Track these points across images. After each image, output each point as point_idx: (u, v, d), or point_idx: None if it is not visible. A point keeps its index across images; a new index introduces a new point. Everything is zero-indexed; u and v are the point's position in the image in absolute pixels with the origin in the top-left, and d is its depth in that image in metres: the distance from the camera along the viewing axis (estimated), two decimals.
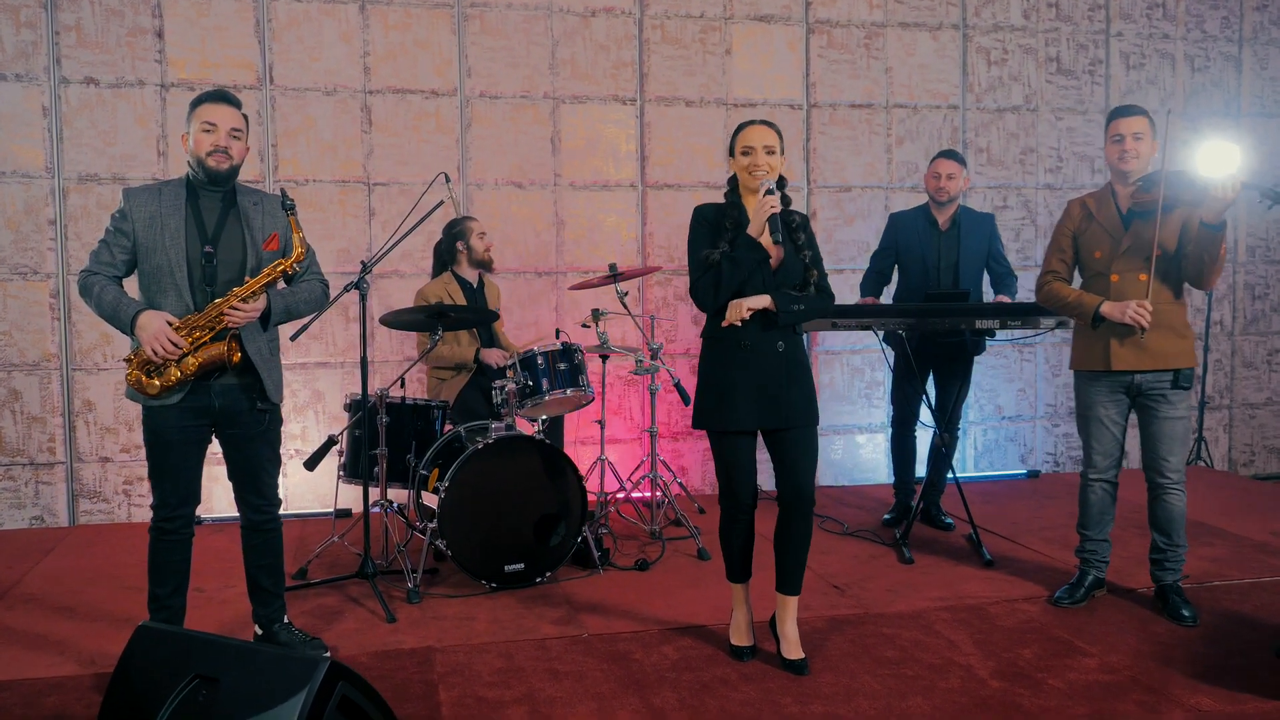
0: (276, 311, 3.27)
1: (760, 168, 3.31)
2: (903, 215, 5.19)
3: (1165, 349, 3.72)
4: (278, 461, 3.43)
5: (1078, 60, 6.65)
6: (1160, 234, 3.69)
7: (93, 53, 5.38)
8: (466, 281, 5.07)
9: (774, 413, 3.32)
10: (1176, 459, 3.78)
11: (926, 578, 4.29)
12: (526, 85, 5.89)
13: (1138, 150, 3.75)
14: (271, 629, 3.46)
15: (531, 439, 4.21)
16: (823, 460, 6.34)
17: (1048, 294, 3.98)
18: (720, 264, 3.25)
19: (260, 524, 3.40)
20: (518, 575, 4.16)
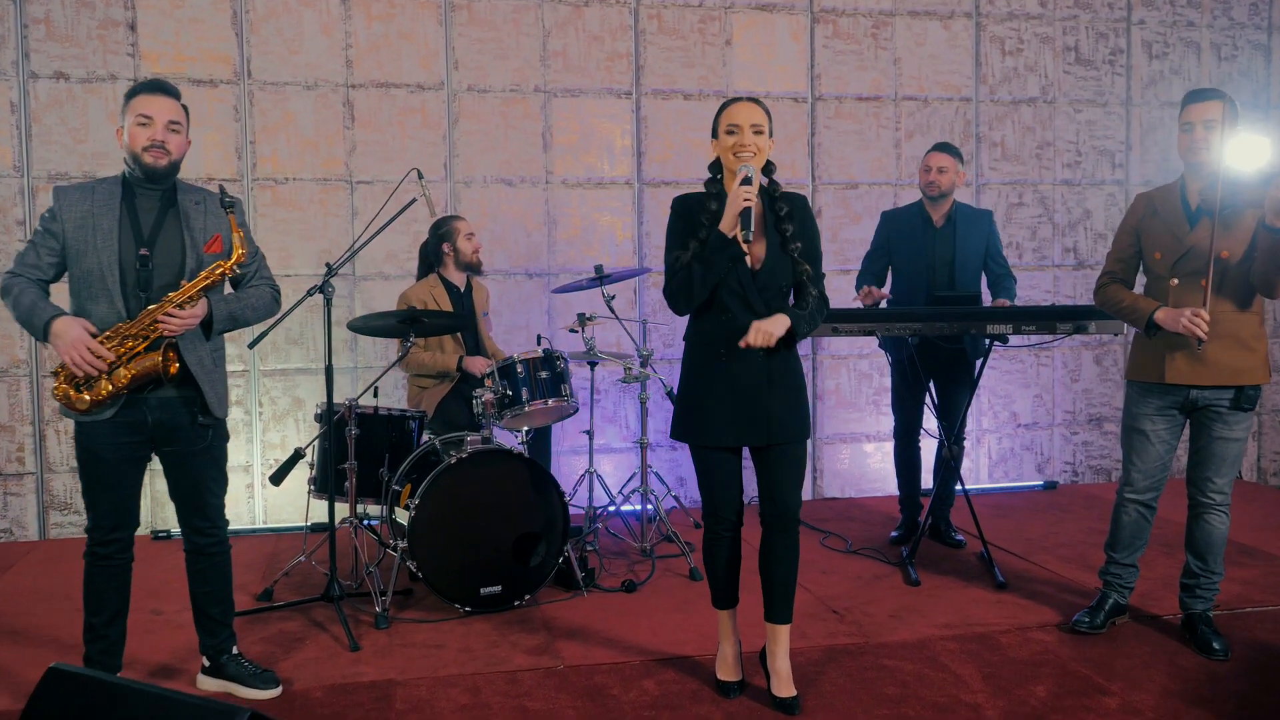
0: (219, 319, 3.01)
1: (747, 147, 2.98)
2: (895, 213, 4.91)
3: (1227, 363, 3.37)
4: (223, 481, 3.18)
5: (1097, 49, 6.33)
6: (1226, 236, 3.36)
7: (62, 46, 5.16)
8: (452, 285, 4.81)
9: (755, 428, 3.03)
10: (1223, 480, 3.46)
11: (933, 601, 4.00)
12: (516, 78, 5.63)
13: (1209, 140, 3.38)
14: (220, 661, 3.21)
15: (509, 452, 3.95)
16: (828, 471, 6.06)
17: (1103, 297, 3.67)
18: (691, 266, 2.97)
19: (205, 547, 3.15)
20: (494, 598, 3.90)
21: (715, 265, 2.94)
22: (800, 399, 3.11)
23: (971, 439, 6.25)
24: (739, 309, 3.00)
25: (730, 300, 3.01)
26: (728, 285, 2.99)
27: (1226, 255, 3.36)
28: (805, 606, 3.94)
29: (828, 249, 5.97)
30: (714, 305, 3.03)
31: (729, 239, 2.92)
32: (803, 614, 3.86)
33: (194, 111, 5.31)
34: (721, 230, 2.92)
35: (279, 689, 3.18)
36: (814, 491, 6.06)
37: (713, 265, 2.94)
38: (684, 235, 3.04)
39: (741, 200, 2.88)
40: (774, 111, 5.76)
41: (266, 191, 5.38)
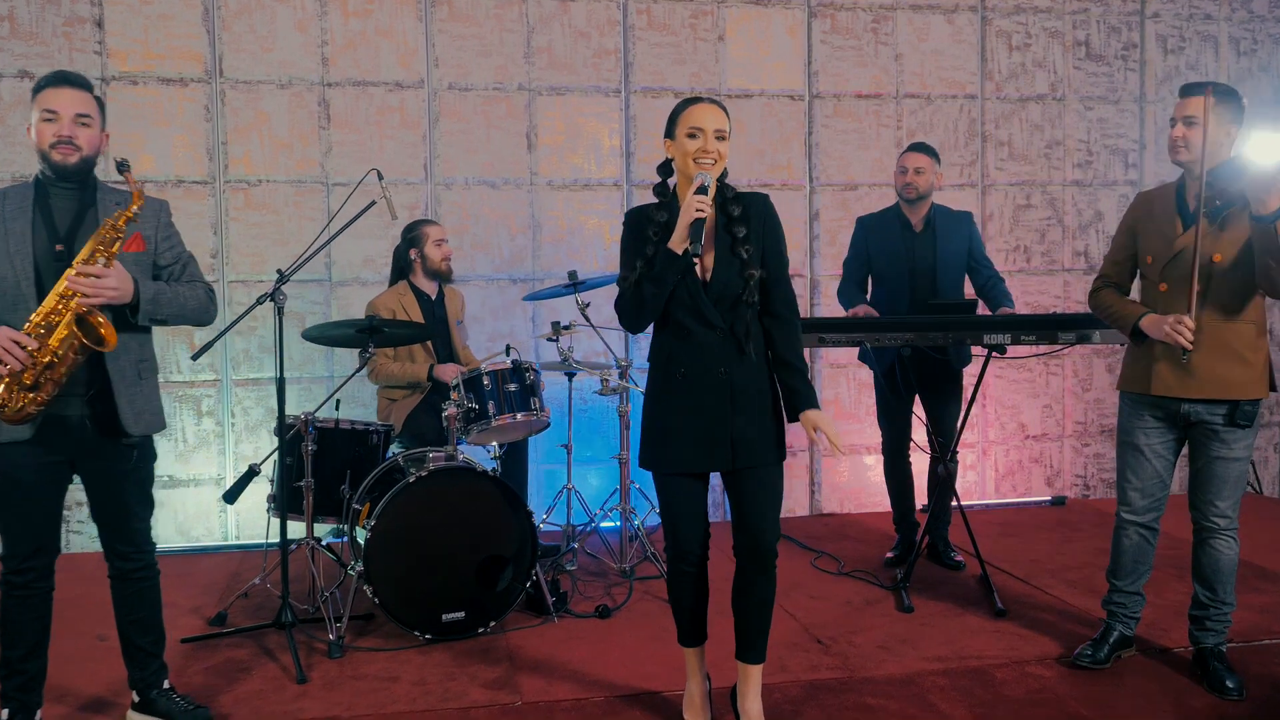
0: (145, 297, 2.77)
1: (710, 154, 2.75)
2: (872, 218, 4.66)
3: (1218, 375, 3.12)
4: (149, 503, 2.96)
5: (1109, 44, 6.05)
6: (1219, 239, 3.12)
7: (27, 44, 4.97)
8: (423, 292, 4.59)
9: (719, 450, 2.78)
10: (1227, 503, 3.20)
11: (926, 630, 3.74)
12: (499, 75, 5.41)
13: (1188, 138, 3.13)
14: (149, 696, 2.99)
15: (472, 470, 3.72)
16: (827, 484, 5.80)
17: (1096, 302, 3.45)
18: (640, 284, 2.75)
19: (129, 573, 2.93)
20: (457, 625, 3.67)
21: (664, 282, 2.74)
22: (771, 418, 2.85)
23: (977, 451, 5.98)
24: (693, 323, 2.78)
25: (683, 315, 2.79)
26: (678, 299, 2.78)
27: (1219, 259, 3.12)
28: (788, 635, 3.70)
29: (826, 252, 5.75)
30: (668, 321, 2.83)
31: (678, 255, 2.71)
32: (785, 643, 3.61)
33: (164, 111, 5.17)
34: (670, 247, 2.71)
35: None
36: (812, 507, 5.81)
37: (662, 283, 2.74)
38: (636, 253, 2.81)
39: (694, 211, 2.67)
40: (770, 110, 5.65)
41: (239, 194, 5.18)
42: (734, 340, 2.78)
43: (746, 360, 2.79)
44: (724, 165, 2.82)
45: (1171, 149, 3.17)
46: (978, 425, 5.96)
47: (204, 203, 5.16)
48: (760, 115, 5.68)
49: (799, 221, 5.75)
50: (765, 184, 5.69)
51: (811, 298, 5.78)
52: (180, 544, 5.16)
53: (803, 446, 5.78)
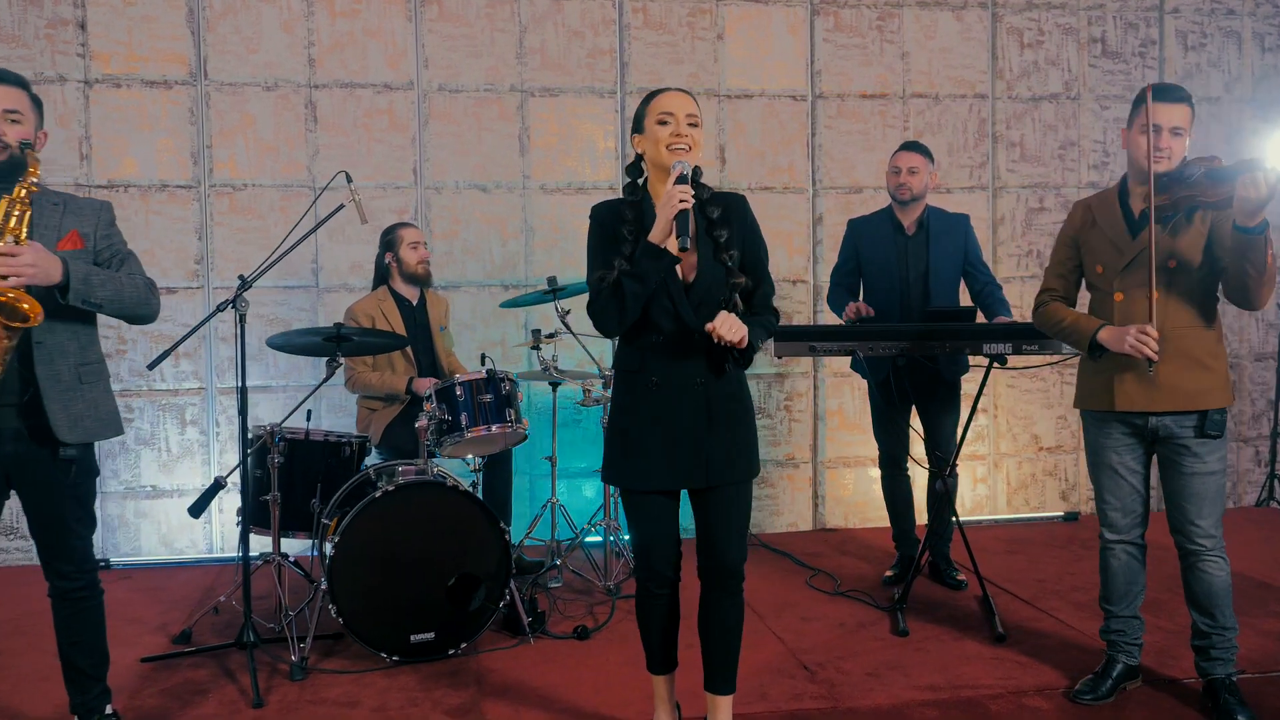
0: (76, 277, 2.60)
1: (683, 139, 2.56)
2: (862, 221, 4.47)
3: (1184, 385, 2.95)
4: (89, 520, 2.82)
5: (1126, 41, 5.83)
6: (1175, 241, 2.97)
7: (8, 46, 4.88)
8: (403, 298, 4.46)
9: (690, 468, 2.60)
10: (1208, 521, 3.00)
11: (920, 656, 3.54)
12: (491, 76, 5.27)
13: (1172, 149, 2.95)
14: None
15: (443, 484, 3.56)
16: (831, 498, 5.61)
17: (1042, 316, 3.27)
18: (620, 282, 2.53)
19: (69, 593, 2.79)
20: (426, 646, 3.51)
21: (649, 279, 2.51)
22: (747, 433, 2.68)
23: (988, 464, 5.76)
24: (671, 328, 2.59)
25: (661, 318, 2.59)
26: (658, 301, 2.57)
27: (1174, 265, 2.95)
28: (774, 660, 3.51)
29: (829, 258, 5.55)
30: (644, 325, 2.62)
31: (661, 248, 2.49)
32: (769, 669, 3.43)
33: (148, 114, 5.06)
34: (652, 240, 2.50)
35: None
36: (815, 521, 5.62)
37: (646, 279, 2.51)
38: (607, 250, 2.61)
39: (678, 201, 2.45)
40: (771, 111, 5.47)
41: (224, 199, 5.06)
42: (712, 348, 2.58)
43: (727, 365, 2.62)
44: (698, 154, 2.63)
45: (1154, 158, 2.94)
46: (988, 437, 5.75)
47: (188, 208, 5.04)
48: (761, 116, 5.51)
49: (801, 226, 5.56)
50: (766, 187, 5.51)
51: (815, 304, 5.59)
52: (163, 556, 5.04)
53: (805, 459, 5.59)
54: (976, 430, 5.73)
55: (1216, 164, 2.84)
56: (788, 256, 5.57)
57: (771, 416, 5.58)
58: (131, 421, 5.03)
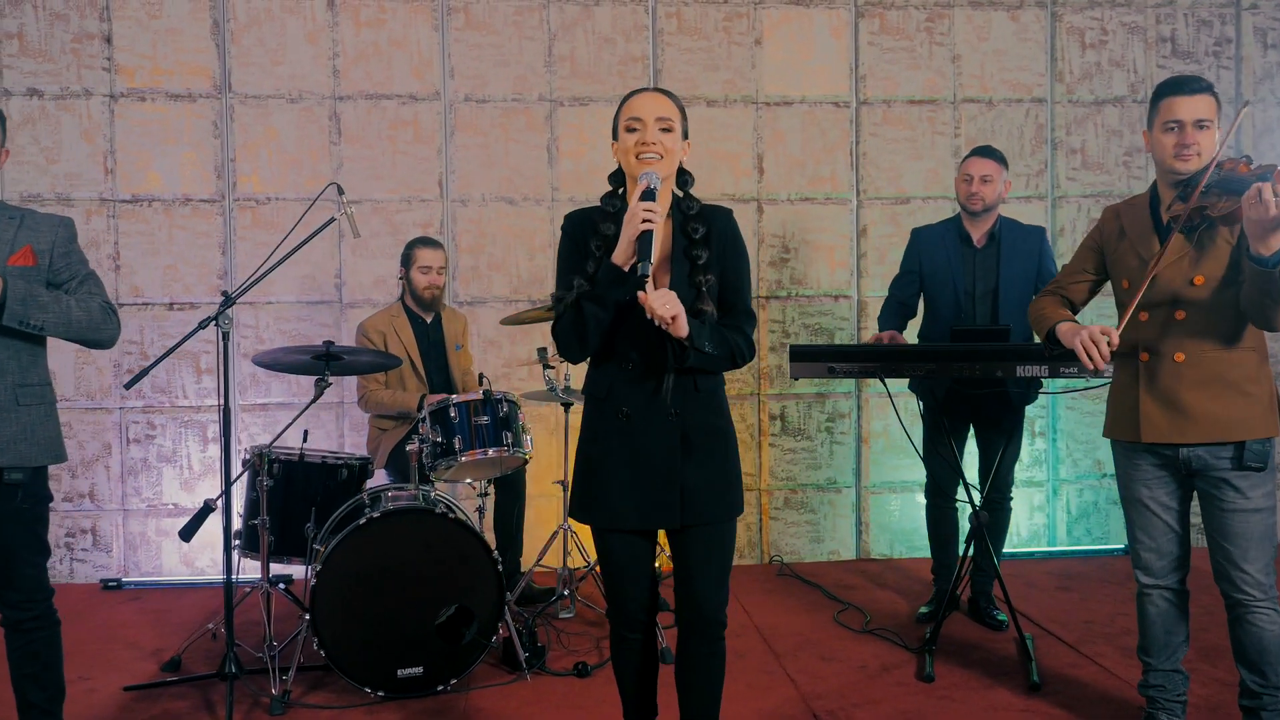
0: (15, 297, 2.50)
1: (651, 147, 2.33)
2: (928, 230, 4.15)
3: (1216, 413, 2.63)
4: (39, 548, 2.70)
5: (1199, 40, 5.44)
6: (1202, 253, 2.64)
7: (36, 61, 4.88)
8: (417, 316, 4.31)
9: (665, 506, 2.36)
10: (1255, 566, 2.66)
11: (943, 706, 3.25)
12: (519, 86, 5.11)
13: (1201, 144, 2.65)
14: None
15: (431, 511, 3.38)
16: (875, 525, 5.30)
17: (1032, 308, 3.02)
18: (579, 305, 2.32)
19: (21, 624, 2.67)
20: (414, 682, 3.33)
21: (608, 305, 2.30)
22: (728, 466, 2.43)
23: (1046, 491, 5.40)
24: (637, 355, 2.36)
25: (626, 346, 2.37)
26: (624, 326, 2.35)
27: (1201, 281, 2.63)
28: (782, 706, 3.25)
29: (874, 271, 5.27)
30: (609, 351, 2.40)
31: (624, 272, 2.27)
32: (775, 715, 3.17)
33: (172, 128, 5.02)
34: (615, 262, 2.27)
35: None
36: (858, 549, 5.32)
37: (605, 303, 2.29)
38: (574, 266, 2.39)
39: (640, 221, 2.21)
40: (811, 118, 5.20)
41: (247, 213, 4.99)
42: (689, 377, 2.36)
43: (702, 398, 2.38)
44: (676, 162, 2.41)
45: (1178, 155, 2.67)
46: (1047, 462, 5.39)
47: (211, 222, 4.98)
48: (801, 124, 5.26)
49: (843, 239, 5.29)
50: (806, 198, 5.26)
51: (859, 321, 5.31)
52: (184, 576, 4.97)
53: (848, 483, 5.30)
54: (1034, 455, 5.38)
55: (1240, 169, 2.51)
56: (829, 270, 5.29)
57: (812, 438, 5.31)
58: (154, 439, 4.98)
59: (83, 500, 4.96)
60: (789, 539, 5.28)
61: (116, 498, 4.98)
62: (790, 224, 5.27)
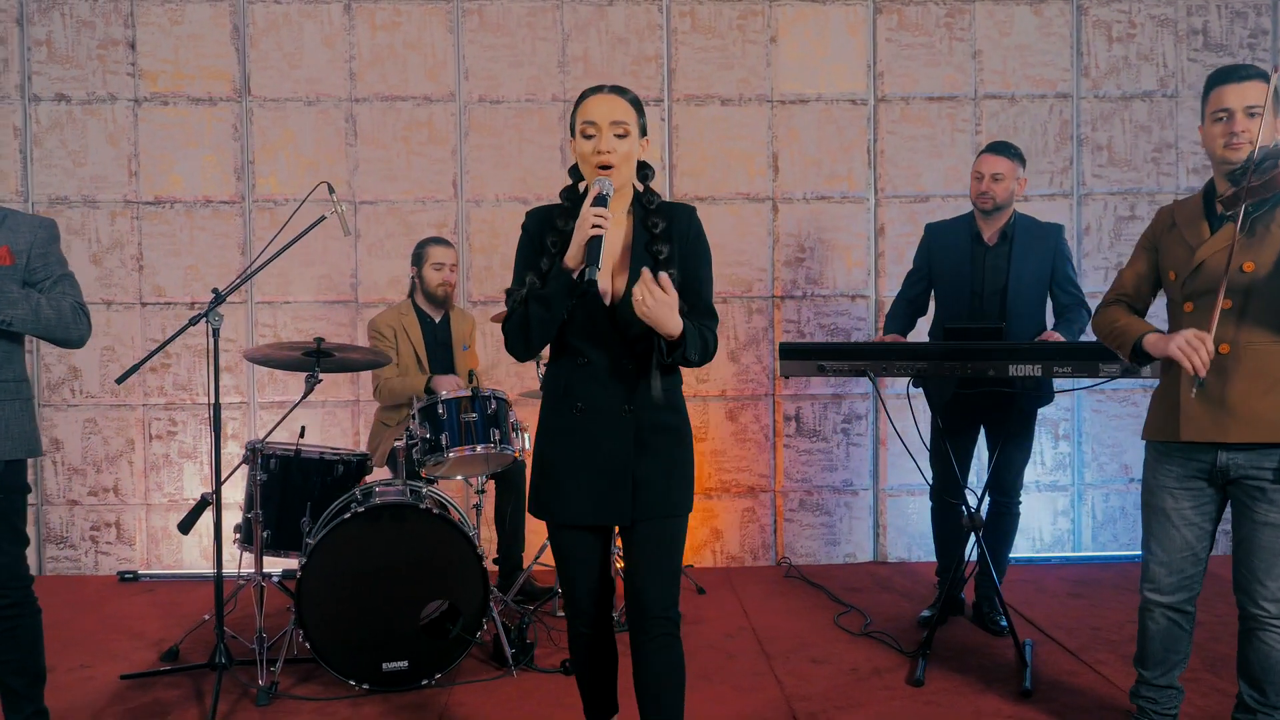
0: None
1: (608, 156, 2.29)
2: (940, 227, 4.07)
3: (1263, 412, 2.49)
4: (17, 538, 2.76)
5: (1232, 32, 5.28)
6: (1253, 242, 2.52)
7: (64, 68, 5.02)
8: (425, 314, 4.35)
9: (617, 502, 2.34)
10: (1278, 584, 2.53)
11: (927, 711, 3.18)
12: (532, 87, 5.13)
13: (1251, 132, 2.51)
14: None
15: (416, 507, 3.40)
16: (893, 528, 5.22)
17: (1099, 320, 2.86)
18: (527, 304, 2.31)
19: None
20: (399, 675, 3.36)
21: (554, 305, 2.28)
22: (679, 463, 2.41)
23: (1071, 495, 5.27)
24: (593, 352, 2.35)
25: (581, 342, 2.36)
26: (576, 323, 2.34)
27: (1251, 268, 2.49)
28: (762, 708, 3.21)
29: (893, 271, 5.20)
30: (564, 348, 2.40)
31: (573, 278, 2.26)
32: (753, 716, 3.13)
33: (193, 131, 5.13)
34: (567, 264, 2.26)
35: None
36: (875, 552, 5.24)
37: (551, 305, 2.28)
38: (531, 260, 2.37)
39: (590, 226, 2.21)
40: (828, 116, 5.15)
41: (265, 214, 5.08)
42: (643, 374, 2.35)
43: (656, 397, 2.35)
44: (632, 164, 2.36)
45: (1229, 144, 2.55)
46: (1072, 466, 5.26)
47: (231, 223, 5.08)
48: (817, 122, 5.20)
49: (860, 238, 5.22)
50: (823, 197, 5.20)
51: (875, 321, 5.23)
52: (204, 569, 5.07)
53: (864, 485, 5.23)
54: (1058, 459, 5.26)
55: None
56: (845, 270, 5.23)
57: (827, 440, 5.25)
58: (175, 435, 5.09)
59: (107, 495, 5.09)
60: (804, 541, 5.22)
61: (139, 492, 5.09)
62: (806, 223, 5.22)
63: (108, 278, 5.05)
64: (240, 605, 4.06)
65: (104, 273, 5.05)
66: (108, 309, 5.03)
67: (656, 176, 2.52)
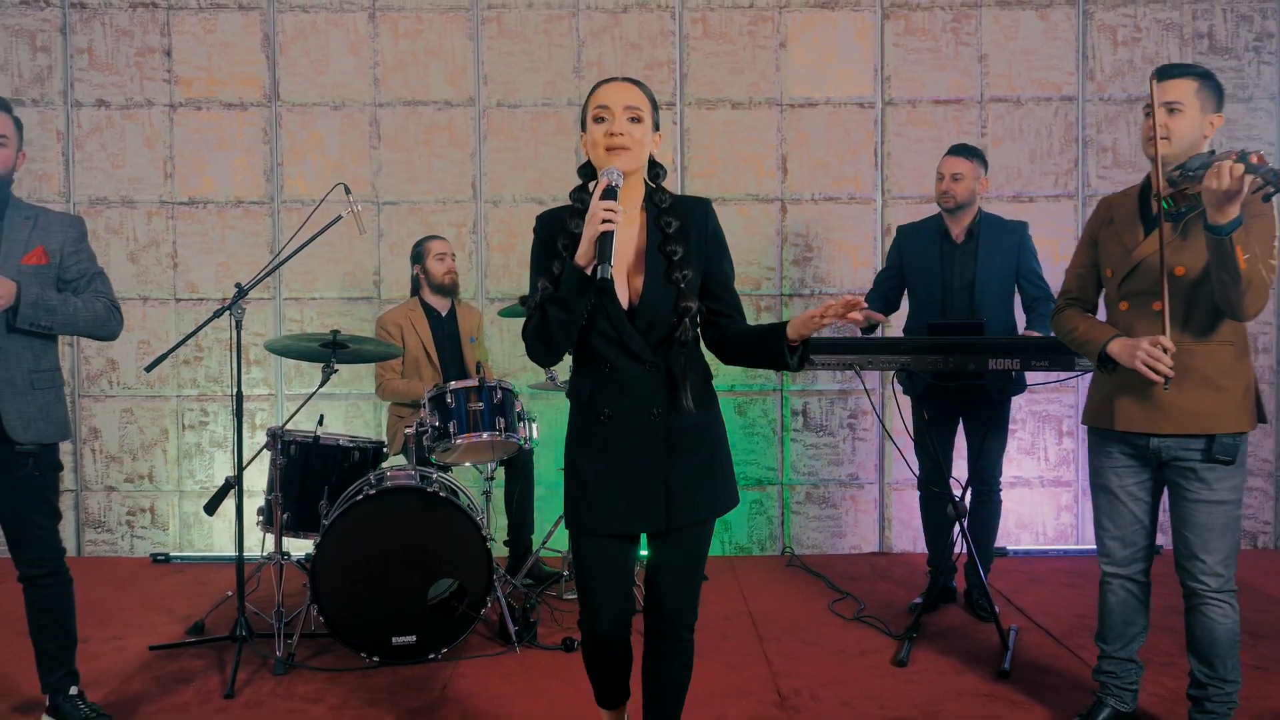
0: (27, 302, 2.80)
1: (620, 138, 2.22)
2: (910, 228, 4.26)
3: (1190, 407, 2.66)
4: (50, 512, 2.98)
5: (1238, 35, 5.35)
6: (1185, 244, 2.66)
7: (104, 74, 5.29)
8: (433, 309, 4.55)
9: (648, 508, 2.31)
10: (1214, 558, 2.68)
11: (907, 689, 3.32)
12: (548, 91, 5.33)
13: (1171, 128, 2.67)
14: (56, 700, 3.02)
15: (423, 490, 3.59)
16: (898, 520, 5.35)
17: (1057, 325, 3.01)
18: (544, 308, 2.24)
19: (36, 580, 2.97)
20: (407, 649, 3.56)
21: (571, 307, 2.21)
22: (715, 466, 2.38)
23: (1074, 490, 5.37)
24: (617, 356, 2.30)
25: (603, 346, 2.30)
26: (596, 328, 2.29)
27: (1182, 272, 2.63)
28: (749, 684, 3.37)
29: None
30: (587, 354, 2.35)
31: (585, 275, 2.17)
32: (740, 691, 3.30)
33: (225, 135, 5.38)
34: (578, 263, 2.18)
35: None
36: (881, 544, 5.37)
37: (568, 307, 2.21)
38: (544, 265, 2.32)
39: (600, 221, 2.12)
40: (836, 119, 5.30)
41: (293, 214, 5.31)
42: (669, 376, 2.30)
43: (684, 400, 2.31)
44: (645, 154, 2.30)
45: (1146, 142, 2.70)
46: (1075, 462, 5.36)
47: (261, 223, 5.32)
48: (825, 125, 5.35)
49: (867, 238, 5.36)
50: (830, 198, 5.34)
51: None
52: (231, 552, 5.30)
53: (870, 479, 5.36)
54: (1061, 454, 5.36)
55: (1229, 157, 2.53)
56: (852, 269, 5.37)
57: (834, 434, 5.39)
58: (207, 425, 5.34)
59: (142, 481, 5.34)
60: (810, 533, 5.37)
61: (173, 479, 5.34)
62: (814, 223, 5.37)
63: (144, 274, 5.30)
64: (263, 584, 4.27)
65: (140, 270, 5.30)
66: (144, 304, 5.28)
67: (669, 180, 2.56)
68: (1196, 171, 2.53)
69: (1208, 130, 2.70)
